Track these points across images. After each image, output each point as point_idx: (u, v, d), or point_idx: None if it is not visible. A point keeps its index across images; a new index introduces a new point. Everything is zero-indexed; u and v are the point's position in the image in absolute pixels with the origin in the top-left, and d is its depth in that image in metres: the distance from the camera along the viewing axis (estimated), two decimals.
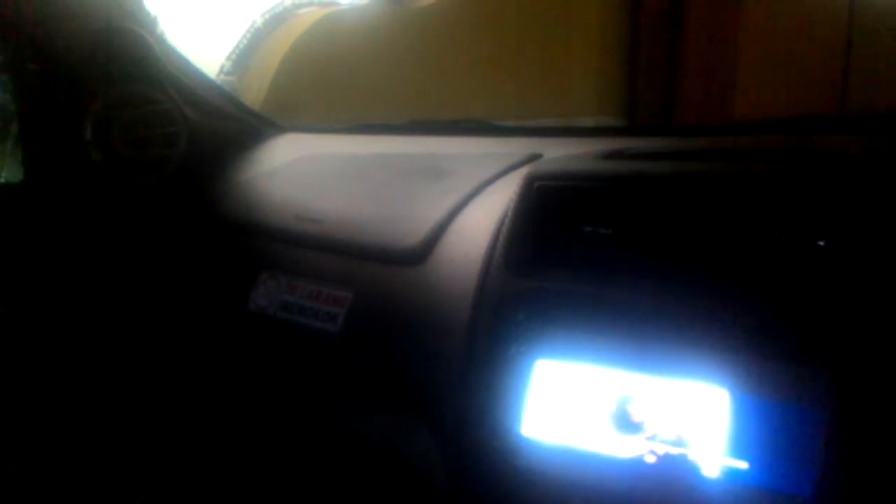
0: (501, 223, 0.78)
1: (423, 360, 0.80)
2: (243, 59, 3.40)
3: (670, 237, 0.66)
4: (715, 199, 0.65)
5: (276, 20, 3.50)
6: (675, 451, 0.61)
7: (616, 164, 0.77)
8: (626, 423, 0.63)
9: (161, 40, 1.09)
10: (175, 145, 1.03)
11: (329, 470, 0.88)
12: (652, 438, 0.62)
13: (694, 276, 0.64)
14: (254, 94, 2.98)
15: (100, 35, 1.01)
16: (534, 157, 0.95)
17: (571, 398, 0.66)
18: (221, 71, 3.45)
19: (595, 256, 0.69)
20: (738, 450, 0.59)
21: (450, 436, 0.74)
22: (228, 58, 3.48)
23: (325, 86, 2.99)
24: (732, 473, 0.59)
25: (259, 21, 3.55)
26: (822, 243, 0.59)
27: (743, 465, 0.58)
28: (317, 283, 0.93)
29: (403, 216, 0.92)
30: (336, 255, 0.94)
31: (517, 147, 1.03)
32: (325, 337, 0.89)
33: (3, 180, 1.08)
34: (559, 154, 0.91)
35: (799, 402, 0.57)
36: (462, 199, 0.89)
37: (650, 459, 0.61)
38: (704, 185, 0.67)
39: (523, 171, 0.79)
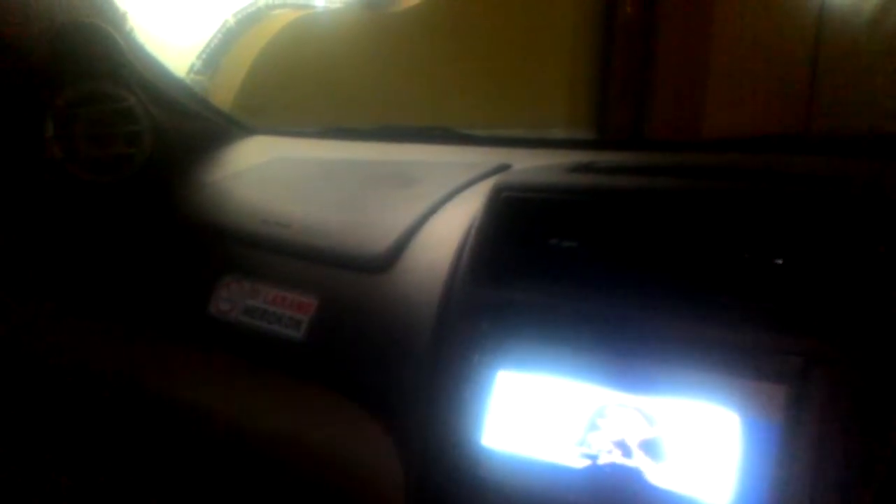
0: (468, 233, 0.78)
1: (387, 368, 0.80)
2: (214, 58, 3.37)
3: (635, 252, 0.67)
4: (680, 216, 0.66)
5: (249, 20, 3.47)
6: (632, 463, 0.61)
7: (583, 178, 0.78)
8: (585, 435, 0.63)
9: (128, 37, 1.07)
10: (138, 144, 1.02)
11: (287, 478, 0.87)
12: (610, 451, 0.62)
13: (657, 292, 0.64)
14: (224, 95, 2.95)
15: (64, 30, 0.99)
16: (502, 168, 0.95)
17: (532, 409, 0.66)
18: (192, 70, 3.42)
19: (559, 269, 0.70)
20: (696, 463, 0.59)
21: (411, 444, 0.74)
22: (199, 56, 3.44)
23: (296, 88, 2.97)
24: (689, 487, 0.59)
25: (232, 20, 3.52)
26: (780, 262, 0.60)
27: (702, 479, 0.58)
28: (281, 289, 0.92)
29: (371, 223, 0.92)
30: (302, 260, 0.93)
31: (487, 156, 1.03)
32: (288, 343, 0.88)
33: None
34: (528, 165, 0.92)
35: (756, 417, 0.57)
36: (430, 207, 0.89)
37: (608, 472, 0.62)
38: (670, 201, 0.67)
39: (491, 182, 0.79)
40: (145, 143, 1.02)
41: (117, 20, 1.09)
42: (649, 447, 0.61)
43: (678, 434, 0.60)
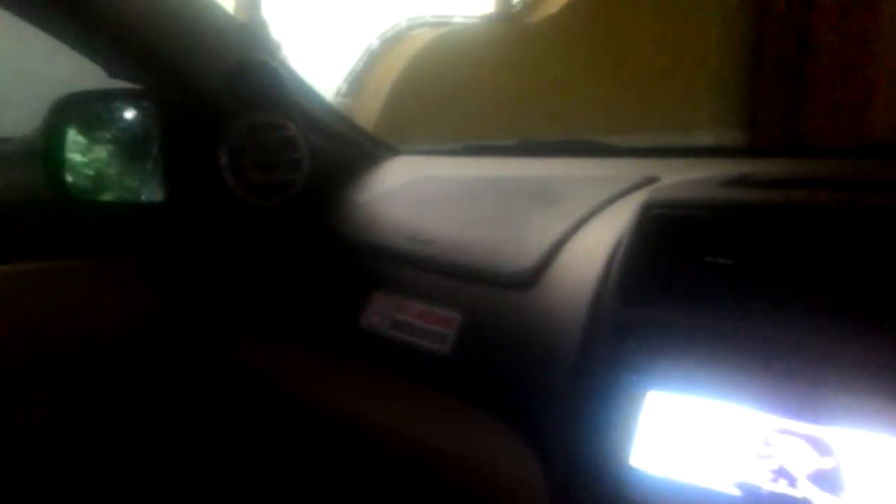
0: (615, 250, 0.77)
1: (531, 385, 0.80)
2: (359, 80, 3.52)
3: (796, 271, 0.64)
4: (844, 232, 0.63)
5: (391, 41, 3.60)
6: (799, 494, 0.58)
7: (739, 192, 0.75)
8: (745, 462, 0.61)
9: (287, 67, 1.15)
10: (299, 170, 1.08)
11: (430, 488, 0.90)
12: (774, 480, 0.60)
13: (820, 314, 0.61)
14: (367, 115, 3.07)
15: (237, 67, 1.08)
16: (650, 181, 0.93)
17: (685, 432, 0.64)
18: (338, 93, 3.58)
19: (714, 288, 0.68)
20: (878, 499, 0.56)
21: (556, 462, 0.74)
22: (345, 80, 3.60)
23: (437, 105, 3.04)
24: None
25: (375, 43, 3.66)
26: None
27: None
28: (427, 304, 0.95)
29: (514, 239, 0.93)
30: (446, 276, 0.95)
31: (631, 169, 1.02)
32: (433, 356, 0.90)
33: (143, 199, 1.17)
34: (677, 177, 0.90)
35: None
36: (574, 223, 0.89)
37: (771, 502, 0.59)
38: (834, 217, 0.64)
39: (639, 197, 0.78)
40: (305, 169, 1.09)
41: (275, 52, 1.18)
42: (822, 479, 0.58)
43: (857, 467, 0.57)
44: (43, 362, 1.11)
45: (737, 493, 0.61)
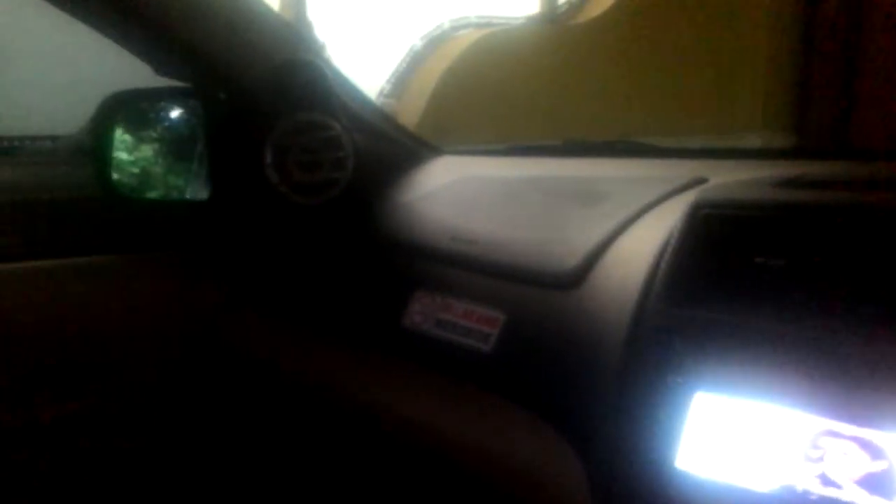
0: (662, 251, 0.76)
1: (574, 385, 0.80)
2: (402, 81, 3.54)
3: (847, 273, 0.63)
4: None
5: (435, 43, 3.61)
6: (848, 498, 0.57)
7: (791, 193, 0.74)
8: (794, 465, 0.60)
9: (332, 67, 1.16)
10: (343, 169, 1.09)
11: (473, 487, 0.90)
12: (824, 484, 0.58)
13: (871, 316, 0.60)
14: (411, 116, 3.09)
15: (283, 66, 1.08)
16: (698, 182, 0.92)
17: (730, 433, 0.63)
18: (381, 93, 3.61)
19: (764, 289, 0.66)
20: None
21: (599, 463, 0.73)
22: (388, 80, 3.63)
23: (480, 106, 3.04)
24: None
25: (418, 44, 3.68)
26: None
27: None
28: (470, 304, 0.95)
29: (558, 240, 0.92)
30: (489, 276, 0.95)
31: (679, 170, 1.00)
32: (476, 356, 0.90)
33: (188, 197, 1.19)
34: (725, 178, 0.88)
35: None
36: (621, 223, 0.88)
37: (811, 502, 0.58)
38: (887, 218, 0.62)
39: (687, 197, 0.77)
40: (348, 168, 1.09)
41: (319, 52, 1.19)
42: (873, 482, 0.56)
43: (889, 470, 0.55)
44: (87, 356, 1.13)
45: (784, 496, 0.60)
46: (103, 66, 1.37)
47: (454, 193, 1.15)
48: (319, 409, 1.10)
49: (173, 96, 1.17)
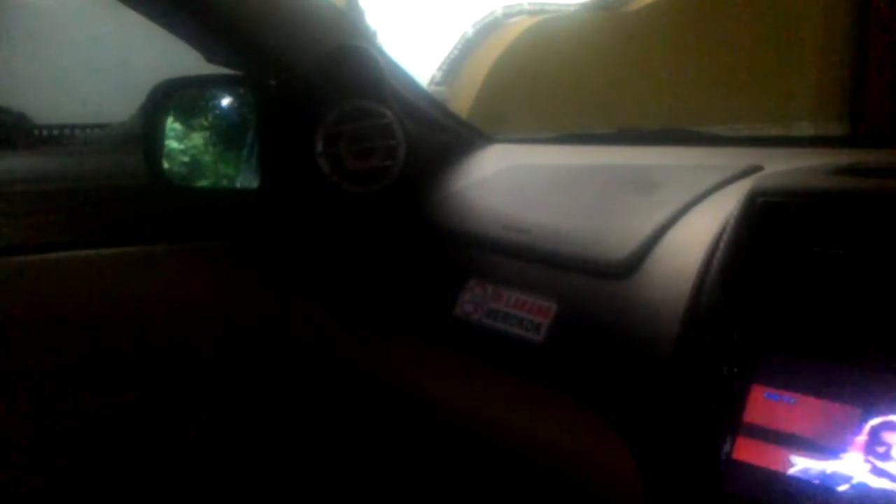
0: (718, 239, 0.75)
1: (626, 375, 0.79)
2: (453, 69, 3.53)
3: None
4: None
5: (487, 30, 3.59)
6: (894, 487, 0.55)
7: (849, 181, 0.72)
8: (843, 455, 0.59)
9: (384, 54, 1.16)
10: (394, 157, 1.08)
11: (523, 476, 0.89)
12: (869, 473, 0.57)
13: None
14: (462, 104, 3.08)
15: (334, 54, 1.08)
16: (753, 170, 0.90)
17: (785, 424, 0.62)
18: (432, 81, 3.61)
19: (822, 278, 0.65)
20: None
21: (652, 454, 0.73)
22: (440, 68, 3.63)
23: (533, 94, 3.02)
24: None
25: (470, 31, 3.67)
26: None
27: None
28: (522, 293, 0.94)
29: (611, 228, 0.91)
30: (541, 265, 0.95)
31: (732, 158, 0.98)
32: (528, 346, 0.90)
33: (238, 185, 1.19)
34: (780, 167, 0.86)
35: None
36: (674, 212, 0.87)
37: (879, 496, 0.56)
38: None
39: (743, 186, 0.76)
40: (400, 156, 1.09)
41: (371, 39, 1.18)
42: None
43: None
44: (136, 345, 1.15)
45: (839, 487, 0.58)
46: (153, 53, 1.38)
47: (506, 182, 1.15)
48: (369, 399, 1.11)
49: (224, 84, 1.17)
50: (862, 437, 0.59)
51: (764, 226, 0.70)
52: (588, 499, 0.81)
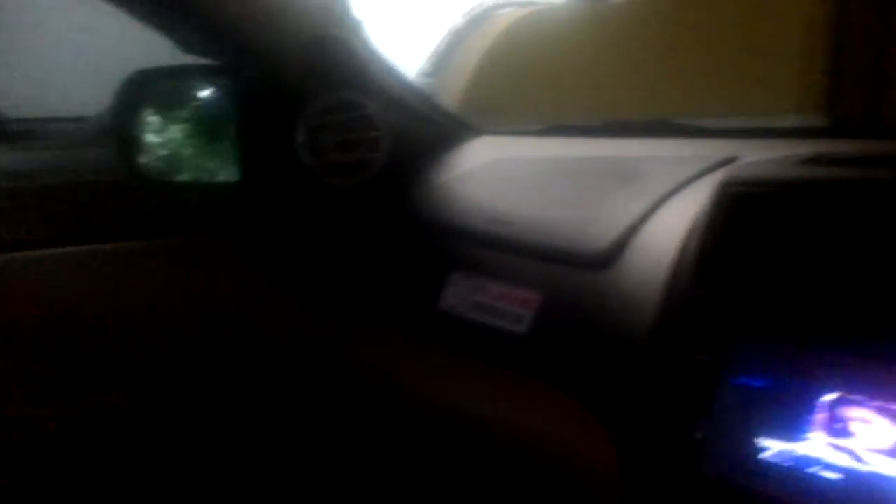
0: (692, 229, 0.76)
1: (606, 364, 0.80)
2: (442, 60, 3.51)
3: (877, 249, 0.62)
4: None
5: (476, 21, 3.58)
6: (861, 466, 0.57)
7: (818, 170, 0.73)
8: (817, 439, 0.60)
9: (367, 45, 1.14)
10: (378, 149, 1.08)
11: (504, 465, 0.90)
12: (842, 455, 0.58)
13: None
14: (451, 95, 3.07)
15: (314, 44, 1.07)
16: (729, 161, 0.91)
17: (759, 410, 0.64)
18: (421, 72, 3.59)
19: (794, 267, 0.66)
20: None
21: (630, 441, 0.74)
22: (428, 59, 3.61)
23: (522, 86, 3.01)
24: None
25: (459, 22, 3.65)
26: None
27: None
28: (506, 285, 0.95)
29: (592, 219, 0.92)
30: (525, 257, 0.95)
31: (712, 149, 0.99)
32: (511, 337, 0.91)
33: (219, 179, 1.15)
34: (756, 157, 0.87)
35: None
36: (653, 203, 0.88)
37: (865, 480, 0.57)
38: None
39: (718, 176, 0.77)
40: (384, 148, 1.08)
41: (356, 29, 1.17)
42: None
43: None
44: (118, 342, 1.12)
45: (814, 470, 0.60)
46: (128, 43, 1.30)
47: (492, 174, 1.15)
48: (353, 392, 1.11)
49: (202, 74, 1.12)
50: (827, 417, 0.60)
51: (735, 215, 0.72)
52: (570, 483, 0.83)
